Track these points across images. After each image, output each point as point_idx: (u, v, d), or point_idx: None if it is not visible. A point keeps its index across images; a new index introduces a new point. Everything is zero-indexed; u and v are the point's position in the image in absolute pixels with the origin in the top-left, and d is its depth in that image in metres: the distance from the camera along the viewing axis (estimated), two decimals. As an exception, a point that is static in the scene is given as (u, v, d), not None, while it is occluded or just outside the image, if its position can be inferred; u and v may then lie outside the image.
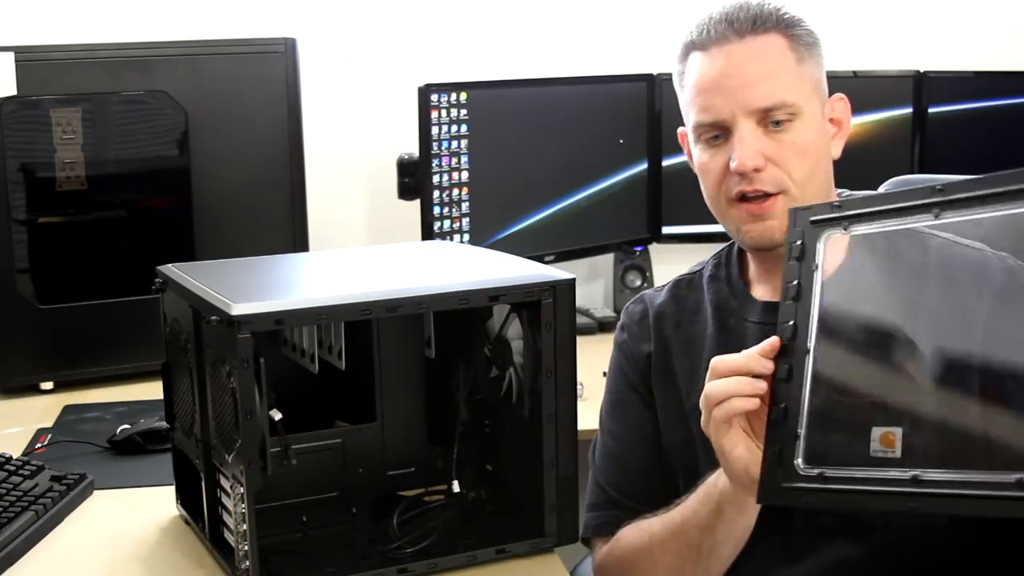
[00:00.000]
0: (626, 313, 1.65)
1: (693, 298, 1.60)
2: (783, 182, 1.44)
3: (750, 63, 1.44)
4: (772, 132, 1.44)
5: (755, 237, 1.47)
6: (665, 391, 1.57)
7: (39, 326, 2.16)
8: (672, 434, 1.55)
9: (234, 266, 1.60)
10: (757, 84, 1.43)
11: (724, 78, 1.44)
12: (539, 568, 1.45)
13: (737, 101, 1.44)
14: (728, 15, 1.47)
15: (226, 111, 2.24)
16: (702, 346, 1.55)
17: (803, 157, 1.45)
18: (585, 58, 2.76)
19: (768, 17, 1.46)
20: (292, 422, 1.44)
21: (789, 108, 1.44)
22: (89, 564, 1.48)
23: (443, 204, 2.47)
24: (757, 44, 1.45)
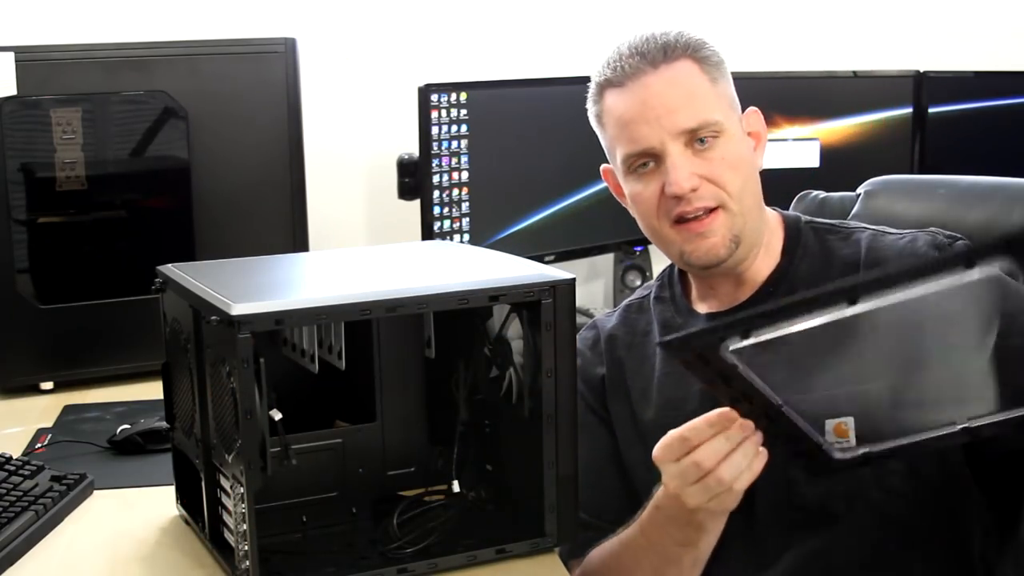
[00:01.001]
0: (580, 339, 1.67)
1: (643, 320, 1.65)
2: (720, 196, 1.49)
3: (669, 90, 1.49)
4: (700, 152, 1.48)
5: (700, 256, 1.51)
6: (620, 409, 1.62)
7: (39, 326, 2.16)
8: (630, 450, 1.60)
9: (234, 266, 1.59)
10: (679, 108, 1.48)
11: (647, 108, 1.49)
12: (539, 568, 1.45)
13: (663, 127, 1.48)
14: (637, 48, 1.52)
15: (226, 111, 2.24)
16: (653, 364, 1.61)
17: (735, 171, 1.50)
18: (585, 58, 2.75)
19: (675, 44, 1.52)
20: (292, 422, 1.44)
21: (713, 126, 1.48)
22: (89, 564, 1.48)
23: (443, 204, 2.47)
24: (671, 71, 1.50)
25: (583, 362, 1.64)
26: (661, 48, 1.51)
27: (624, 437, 1.62)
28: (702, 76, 1.51)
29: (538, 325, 1.42)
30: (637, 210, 1.56)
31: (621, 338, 1.66)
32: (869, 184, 1.93)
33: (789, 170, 2.73)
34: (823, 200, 1.90)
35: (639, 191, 1.53)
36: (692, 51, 1.52)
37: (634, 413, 1.61)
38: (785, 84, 2.74)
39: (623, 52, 1.53)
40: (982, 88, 2.76)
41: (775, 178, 2.72)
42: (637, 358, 1.63)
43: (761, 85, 2.72)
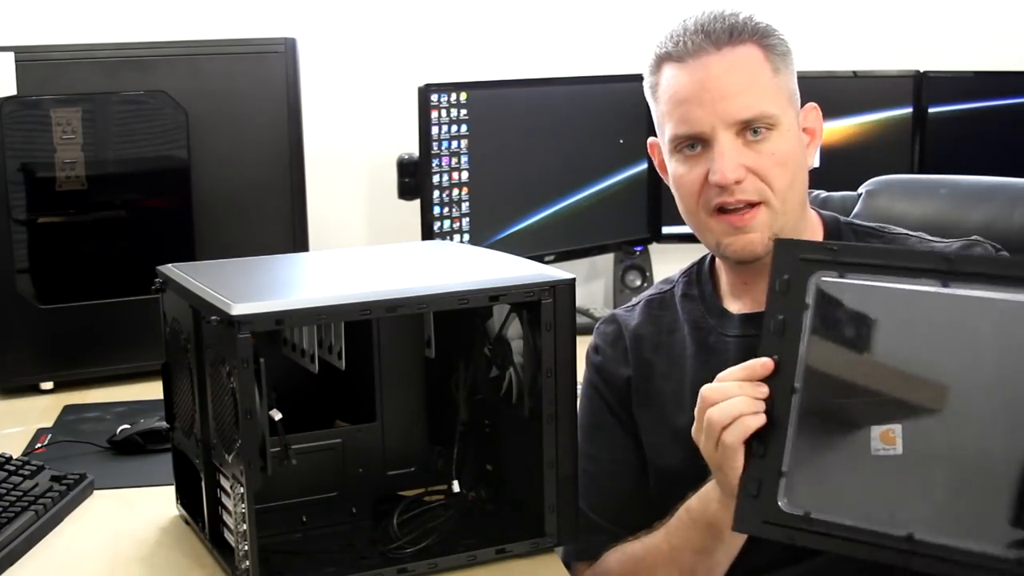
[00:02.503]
0: (599, 334, 1.64)
1: (668, 317, 1.59)
2: (764, 192, 1.44)
3: (729, 75, 1.43)
4: (751, 143, 1.44)
5: (737, 250, 1.47)
6: (651, 416, 1.57)
7: (39, 326, 2.16)
8: (660, 457, 1.55)
9: (234, 266, 1.60)
10: (736, 96, 1.43)
11: (703, 90, 1.44)
12: (539, 568, 1.45)
13: (717, 113, 1.43)
14: (704, 26, 1.46)
15: (226, 111, 2.24)
16: (684, 366, 1.55)
17: (783, 167, 1.45)
18: (585, 58, 2.76)
19: (743, 28, 1.46)
20: (292, 422, 1.44)
21: (768, 119, 1.44)
22: (89, 564, 1.48)
23: (443, 204, 2.47)
24: (734, 55, 1.44)
25: (604, 359, 1.61)
26: (728, 29, 1.45)
27: (654, 444, 1.56)
28: (765, 64, 1.46)
29: (538, 325, 1.42)
30: (678, 192, 1.51)
31: (648, 338, 1.59)
32: (871, 184, 1.93)
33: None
34: (824, 199, 1.90)
35: (682, 173, 1.48)
36: (760, 37, 1.46)
37: (666, 419, 1.54)
38: (785, 84, 2.74)
39: (688, 27, 1.47)
40: (982, 88, 2.75)
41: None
42: (666, 360, 1.58)
43: (761, 85, 2.73)
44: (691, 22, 1.48)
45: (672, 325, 1.59)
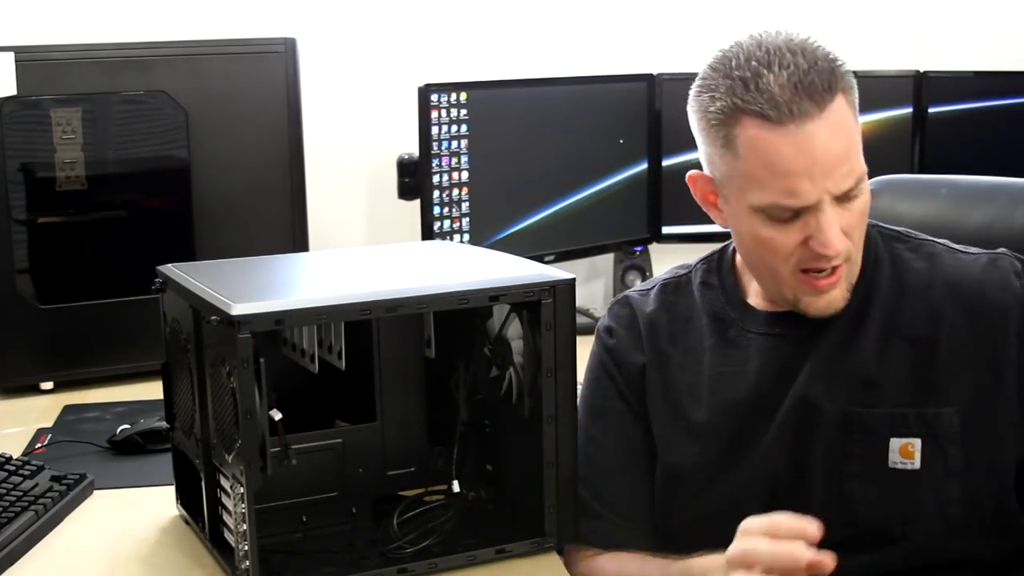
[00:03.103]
0: (612, 316, 1.59)
1: (683, 304, 1.55)
2: (849, 250, 1.39)
3: (833, 141, 1.32)
4: (845, 204, 1.36)
5: (820, 308, 1.42)
6: (664, 409, 1.53)
7: (39, 326, 2.16)
8: (673, 451, 1.51)
9: (234, 266, 1.60)
10: (841, 164, 1.33)
11: (812, 164, 1.32)
12: (539, 568, 1.45)
13: (827, 187, 1.33)
14: (800, 81, 1.32)
15: (226, 111, 2.24)
16: (701, 359, 1.51)
17: (864, 219, 1.41)
18: (585, 58, 2.76)
19: (833, 76, 1.35)
20: (292, 422, 1.44)
21: (862, 180, 1.37)
22: (89, 564, 1.48)
23: (443, 204, 2.47)
24: (833, 115, 1.33)
25: (617, 342, 1.56)
26: (825, 84, 1.32)
27: (667, 437, 1.51)
28: (851, 114, 1.36)
29: (538, 325, 1.42)
30: (758, 250, 1.41)
31: (663, 326, 1.54)
32: (872, 183, 1.93)
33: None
34: None
35: (771, 236, 1.37)
36: (842, 79, 1.36)
37: (681, 413, 1.50)
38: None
39: (781, 81, 1.32)
40: (982, 88, 2.75)
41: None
42: (682, 350, 1.53)
43: (761, 85, 2.73)
44: (780, 73, 1.33)
45: (688, 312, 1.54)
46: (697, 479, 1.48)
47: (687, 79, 2.92)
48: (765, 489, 1.44)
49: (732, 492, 1.46)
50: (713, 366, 1.50)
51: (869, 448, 1.41)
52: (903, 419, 1.40)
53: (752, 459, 1.45)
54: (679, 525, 1.51)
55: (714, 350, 1.50)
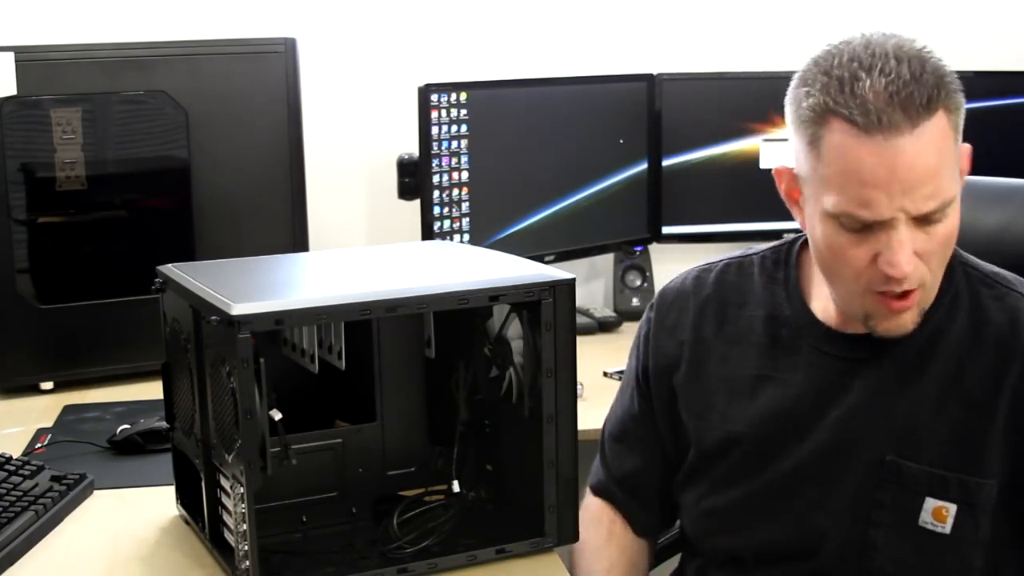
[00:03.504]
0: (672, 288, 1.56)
1: (741, 289, 1.49)
2: (925, 278, 1.31)
3: (920, 159, 1.25)
4: (925, 227, 1.29)
5: (889, 329, 1.35)
6: (700, 400, 1.49)
7: (39, 326, 2.16)
8: (709, 440, 1.48)
9: (234, 266, 1.60)
10: (925, 184, 1.25)
11: (892, 179, 1.25)
12: (539, 568, 1.45)
13: (904, 206, 1.26)
14: (897, 93, 1.25)
15: (226, 111, 2.24)
16: (747, 355, 1.47)
17: (947, 246, 1.32)
18: (585, 58, 2.76)
19: (935, 90, 1.26)
20: (292, 422, 1.44)
21: (949, 205, 1.29)
22: (89, 564, 1.48)
23: (443, 204, 2.47)
24: (927, 134, 1.25)
25: (659, 319, 1.54)
26: (925, 99, 1.24)
27: (701, 429, 1.48)
28: (949, 136, 1.27)
29: (538, 325, 1.42)
30: (830, 257, 1.34)
31: (712, 314, 1.50)
32: None
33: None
34: None
35: (842, 245, 1.31)
36: (947, 97, 1.27)
37: (717, 408, 1.47)
38: (785, 84, 2.72)
39: (877, 88, 1.25)
40: (982, 88, 2.75)
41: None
42: (728, 340, 1.48)
43: (761, 85, 2.72)
44: (880, 80, 1.25)
45: (743, 298, 1.49)
46: (725, 474, 1.47)
47: (687, 79, 2.93)
48: (785, 505, 1.42)
49: (753, 497, 1.44)
50: (759, 366, 1.45)
51: (901, 502, 1.36)
52: (942, 482, 1.34)
53: (778, 472, 1.42)
54: (697, 510, 1.51)
55: (763, 349, 1.46)
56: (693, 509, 1.51)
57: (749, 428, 1.44)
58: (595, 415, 1.69)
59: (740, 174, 2.72)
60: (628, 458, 1.58)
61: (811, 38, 2.96)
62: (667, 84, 2.70)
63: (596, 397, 2.17)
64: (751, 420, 1.44)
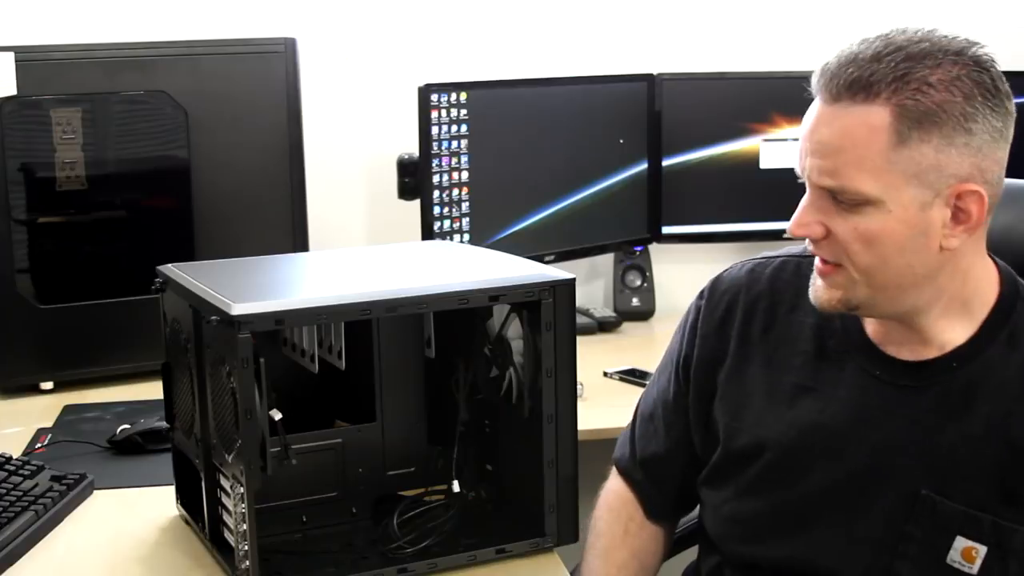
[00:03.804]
0: (725, 278, 1.52)
1: (794, 290, 1.43)
2: (841, 259, 1.30)
3: (827, 132, 1.26)
4: (842, 208, 1.27)
5: (811, 295, 1.35)
6: (737, 395, 1.46)
7: (39, 326, 2.16)
8: (740, 443, 1.45)
9: (234, 266, 1.60)
10: (822, 157, 1.27)
11: (804, 137, 1.30)
12: (539, 568, 1.45)
13: (807, 165, 1.29)
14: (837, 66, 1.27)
15: (226, 111, 2.24)
16: (791, 360, 1.43)
17: (868, 246, 1.27)
18: (585, 58, 2.76)
19: (876, 83, 1.23)
20: (292, 422, 1.44)
21: (854, 196, 1.25)
22: (89, 564, 1.48)
23: (443, 204, 2.47)
24: (845, 115, 1.25)
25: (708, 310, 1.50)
26: (850, 82, 1.24)
27: (734, 428, 1.45)
28: (885, 132, 1.22)
29: (538, 325, 1.42)
30: None
31: (761, 313, 1.46)
32: None
33: (789, 170, 2.72)
34: None
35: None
36: (902, 96, 1.22)
37: (753, 410, 1.43)
38: (785, 84, 2.73)
39: (830, 61, 1.28)
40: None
41: (775, 178, 2.73)
42: (773, 344, 1.44)
43: (761, 85, 2.73)
44: (848, 50, 1.29)
45: (795, 301, 1.43)
46: (751, 481, 1.44)
47: (687, 79, 2.93)
48: (811, 524, 1.39)
49: (779, 511, 1.41)
50: (801, 375, 1.41)
51: (931, 537, 1.33)
52: (976, 522, 1.31)
53: (806, 489, 1.39)
54: (720, 513, 1.49)
55: (808, 358, 1.41)
56: (716, 511, 1.49)
57: (781, 437, 1.41)
58: (595, 415, 1.69)
59: (740, 174, 2.72)
60: (654, 440, 1.56)
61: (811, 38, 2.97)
62: (667, 84, 2.70)
63: (596, 397, 2.17)
64: (784, 429, 1.41)
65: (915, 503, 1.33)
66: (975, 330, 1.33)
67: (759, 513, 1.43)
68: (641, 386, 2.25)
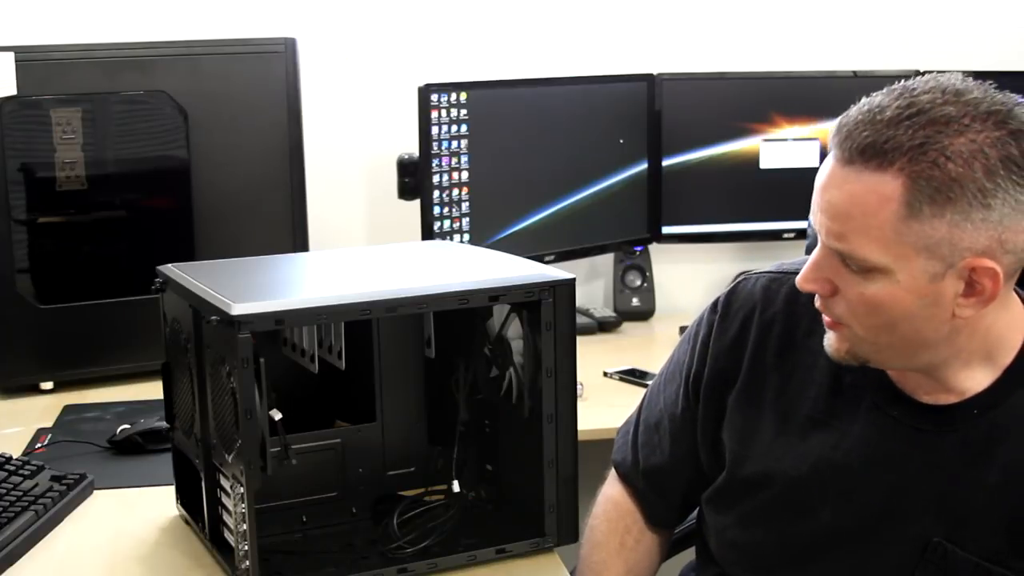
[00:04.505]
0: (739, 293, 1.46)
1: (811, 313, 1.35)
2: (845, 320, 1.26)
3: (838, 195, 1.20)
4: (850, 271, 1.23)
5: (824, 344, 1.31)
6: (747, 421, 1.42)
7: (39, 326, 2.16)
8: (747, 471, 1.42)
9: (234, 266, 1.60)
10: (835, 220, 1.21)
11: (816, 192, 1.24)
12: (539, 568, 1.45)
13: (818, 222, 1.23)
14: (853, 125, 1.19)
15: (226, 111, 2.24)
16: (805, 391, 1.38)
17: (873, 312, 1.22)
18: (585, 58, 2.76)
19: (891, 151, 1.16)
20: (292, 422, 1.44)
21: (862, 263, 1.20)
22: (89, 564, 1.48)
23: (443, 204, 2.47)
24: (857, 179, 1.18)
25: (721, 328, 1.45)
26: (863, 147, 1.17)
27: (740, 455, 1.42)
28: (895, 204, 1.16)
29: (538, 325, 1.42)
30: None
31: (775, 338, 1.41)
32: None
33: (789, 170, 2.73)
34: None
35: None
36: (919, 167, 1.15)
37: (762, 438, 1.39)
38: (785, 84, 2.74)
39: (850, 115, 1.21)
40: (982, 88, 2.75)
41: (775, 178, 2.73)
42: (787, 372, 1.39)
43: (761, 85, 2.73)
44: (867, 106, 1.20)
45: (812, 326, 1.37)
46: (756, 511, 1.40)
47: (687, 79, 2.93)
48: (817, 561, 1.36)
49: (784, 544, 1.38)
50: (815, 408, 1.37)
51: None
52: (987, 574, 1.28)
53: (814, 525, 1.36)
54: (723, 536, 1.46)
55: (822, 391, 1.36)
56: (719, 534, 1.47)
57: (791, 470, 1.37)
58: (595, 415, 1.69)
59: (740, 174, 2.72)
60: (658, 451, 1.52)
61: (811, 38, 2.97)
62: (667, 84, 2.70)
63: (596, 397, 2.18)
64: (795, 463, 1.37)
65: (926, 550, 1.29)
66: (998, 376, 1.28)
67: (763, 543, 1.40)
68: (641, 386, 2.25)
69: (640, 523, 1.55)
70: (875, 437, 1.32)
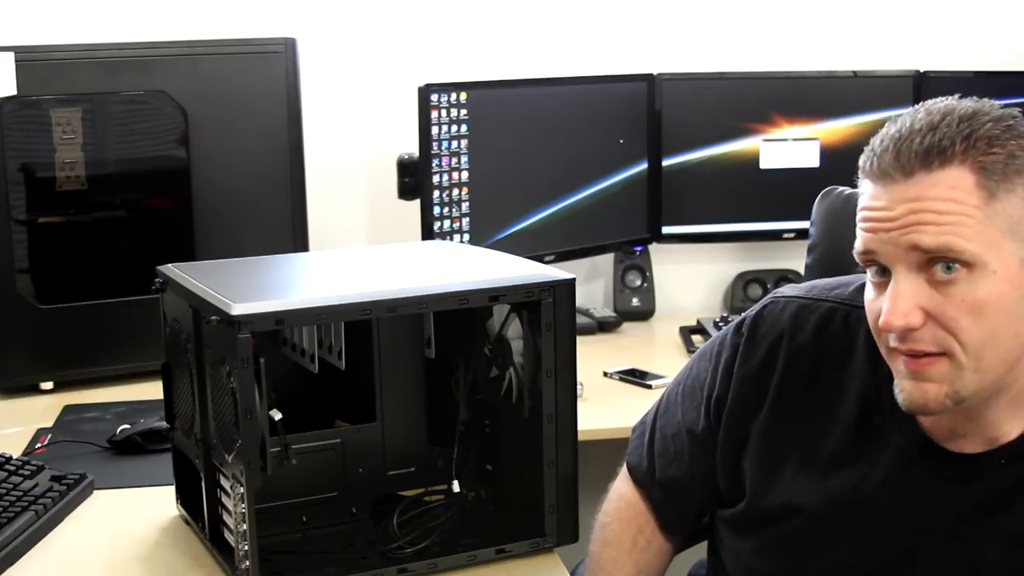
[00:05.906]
0: (755, 327, 1.41)
1: (842, 346, 1.34)
2: (946, 343, 1.18)
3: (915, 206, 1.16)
4: (939, 283, 1.17)
5: (905, 399, 1.22)
6: (770, 453, 1.38)
7: (39, 326, 2.16)
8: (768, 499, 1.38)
9: (234, 266, 1.60)
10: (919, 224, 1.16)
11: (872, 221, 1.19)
12: (539, 568, 1.45)
13: (896, 240, 1.17)
14: (900, 141, 1.18)
15: (226, 111, 2.24)
16: (829, 430, 1.34)
17: (979, 317, 1.16)
18: (585, 58, 2.76)
19: (951, 145, 1.16)
20: (292, 422, 1.44)
21: (959, 254, 1.15)
22: (89, 564, 1.48)
23: (443, 204, 2.47)
24: (929, 184, 1.16)
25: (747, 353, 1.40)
26: (925, 151, 1.16)
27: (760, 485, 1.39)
28: (974, 192, 1.15)
29: (538, 325, 1.42)
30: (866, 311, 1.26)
31: (803, 373, 1.36)
32: None
33: (789, 170, 2.73)
34: (848, 196, 1.75)
35: (870, 299, 1.23)
36: (976, 153, 1.16)
37: (781, 473, 1.36)
38: (785, 84, 2.74)
39: (888, 134, 1.20)
40: (982, 88, 2.74)
41: (775, 178, 2.73)
42: (812, 407, 1.35)
43: (761, 85, 2.73)
44: (894, 128, 1.20)
45: (842, 360, 1.34)
46: (774, 541, 1.38)
47: (687, 79, 2.93)
48: None
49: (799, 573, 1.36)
50: (839, 446, 1.33)
51: None
52: None
53: (831, 562, 1.33)
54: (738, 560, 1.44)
55: (848, 429, 1.33)
56: (735, 555, 1.45)
57: (811, 507, 1.34)
58: (595, 415, 1.69)
59: (740, 174, 2.72)
60: (675, 464, 1.49)
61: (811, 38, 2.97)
62: (667, 84, 2.70)
63: (596, 397, 2.18)
64: (816, 499, 1.34)
65: None
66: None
67: (777, 573, 1.39)
68: (641, 386, 2.25)
69: (652, 525, 1.53)
70: (899, 481, 1.29)
